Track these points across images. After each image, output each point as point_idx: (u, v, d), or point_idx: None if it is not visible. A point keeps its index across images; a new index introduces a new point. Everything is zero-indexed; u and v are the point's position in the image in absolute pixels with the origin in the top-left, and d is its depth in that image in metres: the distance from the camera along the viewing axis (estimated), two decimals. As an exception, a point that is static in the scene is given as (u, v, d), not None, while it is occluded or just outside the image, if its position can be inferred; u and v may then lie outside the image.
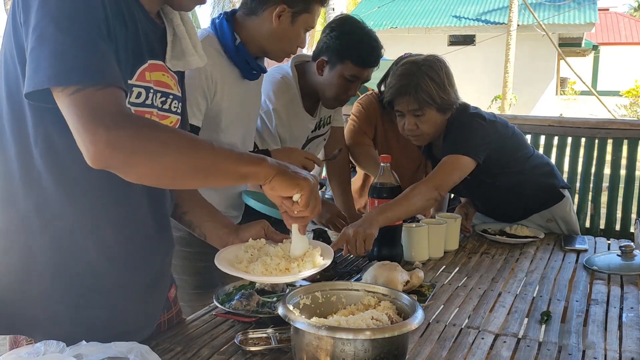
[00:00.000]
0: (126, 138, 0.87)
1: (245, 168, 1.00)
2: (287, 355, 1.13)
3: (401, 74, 1.93)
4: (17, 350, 0.96)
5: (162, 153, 0.91)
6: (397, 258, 1.70)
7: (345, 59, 1.92)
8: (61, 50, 0.87)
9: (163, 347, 1.18)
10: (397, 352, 1.01)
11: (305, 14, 1.67)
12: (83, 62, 0.88)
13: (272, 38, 1.68)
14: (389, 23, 16.01)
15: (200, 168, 0.95)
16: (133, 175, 0.92)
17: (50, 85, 0.87)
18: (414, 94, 1.88)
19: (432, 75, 1.89)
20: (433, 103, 1.90)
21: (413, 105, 1.91)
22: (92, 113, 0.86)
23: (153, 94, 1.07)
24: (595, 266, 1.74)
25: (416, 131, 1.96)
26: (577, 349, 1.21)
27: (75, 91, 0.87)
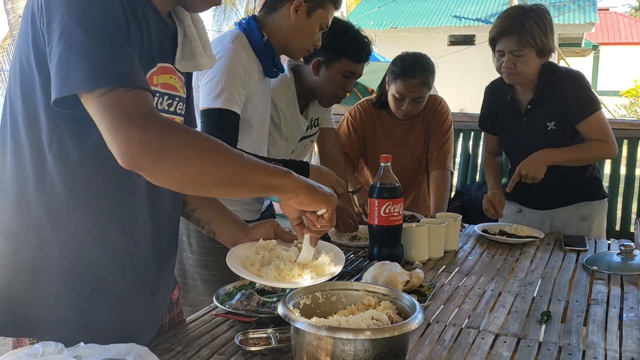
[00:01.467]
0: (158, 139, 0.88)
1: (273, 179, 1.01)
2: (287, 355, 1.13)
3: (507, 16, 2.11)
4: (16, 351, 0.95)
5: (191, 157, 0.91)
6: (397, 258, 1.70)
7: (341, 57, 1.99)
8: (90, 56, 0.88)
9: (163, 347, 1.18)
10: (397, 352, 1.01)
11: (321, 9, 1.77)
12: (112, 66, 0.89)
13: (291, 33, 1.77)
14: (389, 23, 16.01)
15: (227, 176, 0.96)
16: (161, 177, 0.92)
17: (80, 90, 0.88)
18: (517, 35, 2.03)
19: (537, 19, 2.04)
20: (534, 45, 2.03)
21: (515, 46, 2.05)
22: (124, 113, 0.88)
23: (159, 97, 1.08)
24: (595, 266, 1.73)
25: (513, 70, 2.09)
26: (577, 349, 1.20)
27: (104, 93, 0.88)
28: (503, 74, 2.15)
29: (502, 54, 2.11)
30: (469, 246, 2.00)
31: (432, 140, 2.43)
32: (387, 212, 1.67)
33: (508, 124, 2.28)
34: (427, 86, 2.28)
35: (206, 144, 0.95)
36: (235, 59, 1.67)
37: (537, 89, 2.16)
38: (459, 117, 3.72)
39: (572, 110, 2.12)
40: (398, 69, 2.29)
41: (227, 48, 1.68)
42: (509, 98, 2.25)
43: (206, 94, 1.65)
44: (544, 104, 2.16)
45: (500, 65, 2.13)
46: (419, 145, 2.46)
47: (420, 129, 2.45)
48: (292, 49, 1.82)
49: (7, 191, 1.04)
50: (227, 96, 1.64)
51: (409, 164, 2.45)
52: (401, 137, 2.45)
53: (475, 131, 3.73)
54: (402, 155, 2.38)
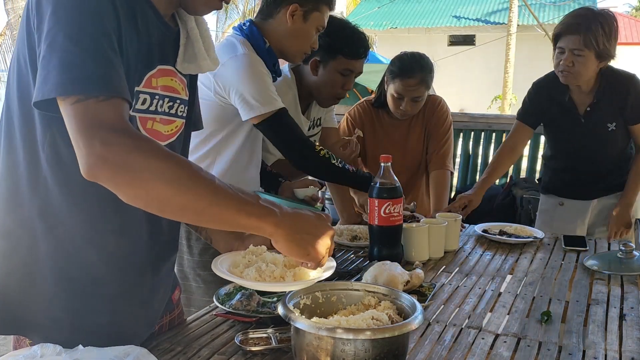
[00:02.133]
0: (118, 157, 0.86)
1: (246, 220, 0.94)
2: (287, 355, 1.13)
3: (576, 14, 2.16)
4: (15, 353, 0.95)
5: (151, 180, 0.87)
6: (397, 258, 1.70)
7: (337, 55, 1.98)
8: (68, 60, 0.87)
9: (163, 348, 1.18)
10: (397, 352, 1.01)
11: (316, 12, 1.79)
12: (88, 72, 0.87)
13: (289, 37, 1.80)
14: (389, 23, 16.02)
15: (193, 207, 0.91)
16: (121, 194, 0.90)
17: (56, 95, 0.87)
18: (582, 34, 2.07)
19: (604, 23, 2.08)
20: (596, 47, 2.07)
21: (577, 45, 2.09)
22: (90, 125, 0.86)
23: (159, 99, 1.07)
24: (595, 266, 1.73)
25: (571, 68, 2.12)
26: (577, 349, 1.20)
27: (76, 101, 0.87)
28: (560, 72, 2.18)
29: (562, 51, 2.14)
30: (469, 246, 2.00)
31: (432, 141, 2.43)
32: (387, 212, 1.67)
33: (564, 124, 2.32)
34: (425, 85, 2.28)
35: (174, 169, 0.89)
36: (256, 63, 1.72)
37: (598, 92, 2.22)
38: (459, 117, 3.73)
39: (632, 112, 2.21)
40: (396, 68, 2.29)
41: (246, 56, 1.71)
42: (567, 99, 2.28)
43: (251, 105, 1.69)
44: (605, 106, 2.22)
45: (559, 63, 2.16)
46: (419, 145, 2.46)
47: (419, 129, 2.45)
48: (290, 53, 1.84)
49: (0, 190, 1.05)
50: (272, 97, 1.71)
51: (409, 164, 2.46)
52: (400, 137, 2.45)
53: (475, 131, 3.73)
54: (401, 155, 2.38)
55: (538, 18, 13.70)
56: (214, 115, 1.75)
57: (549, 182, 2.50)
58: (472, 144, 3.76)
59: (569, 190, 2.40)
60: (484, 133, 3.70)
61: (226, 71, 1.68)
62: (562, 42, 2.15)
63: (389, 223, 1.69)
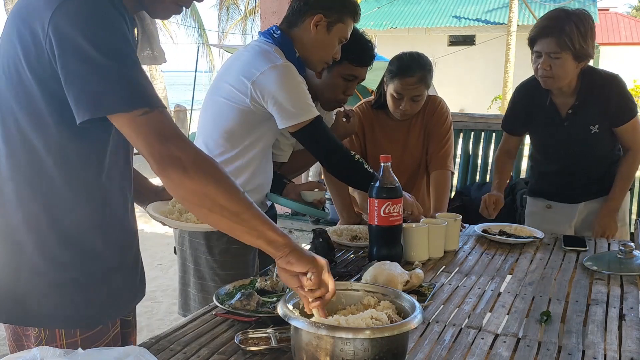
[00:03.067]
0: (189, 157, 1.02)
1: (270, 233, 1.06)
2: (287, 355, 1.13)
3: (549, 17, 2.11)
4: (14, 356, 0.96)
5: (211, 180, 1.03)
6: (397, 258, 1.70)
7: (342, 60, 1.97)
8: (122, 78, 1.00)
9: (163, 347, 1.18)
10: (397, 352, 1.01)
11: (340, 24, 1.82)
12: (144, 87, 1.02)
13: (312, 47, 1.83)
14: (389, 23, 16.02)
15: (233, 211, 1.04)
16: (180, 189, 1.03)
17: (122, 111, 1.00)
18: (557, 36, 2.03)
19: (578, 23, 2.04)
20: (572, 48, 2.03)
21: (552, 47, 2.05)
22: (160, 132, 1.01)
23: None
24: (595, 266, 1.73)
25: (549, 72, 2.09)
26: (577, 349, 1.21)
27: (143, 113, 1.00)
28: (539, 77, 2.16)
29: (539, 55, 2.11)
30: (469, 246, 2.00)
31: (432, 141, 2.42)
32: (386, 212, 1.67)
33: (547, 128, 2.30)
34: (424, 84, 2.27)
35: (225, 175, 1.06)
36: (296, 72, 1.76)
37: (579, 93, 2.18)
38: (459, 117, 3.72)
39: (615, 115, 2.18)
40: (395, 68, 2.28)
41: (286, 67, 1.74)
42: (548, 102, 2.25)
43: (290, 115, 1.73)
44: (587, 108, 2.18)
45: (537, 67, 2.14)
46: (418, 146, 2.46)
47: (419, 130, 2.44)
48: (312, 61, 1.87)
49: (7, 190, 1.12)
50: (310, 106, 1.75)
51: (408, 165, 2.45)
52: (400, 138, 2.44)
53: (475, 131, 3.73)
54: (401, 156, 2.38)
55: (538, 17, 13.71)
56: (244, 119, 1.78)
57: (536, 185, 2.49)
58: (472, 144, 3.76)
59: (556, 194, 2.38)
60: (484, 133, 3.70)
61: (266, 80, 1.70)
62: (538, 46, 2.11)
63: (388, 223, 1.69)
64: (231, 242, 1.82)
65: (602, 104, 2.16)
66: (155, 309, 4.06)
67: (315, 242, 1.73)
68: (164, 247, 5.73)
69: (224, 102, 1.78)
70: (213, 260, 1.82)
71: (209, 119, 1.85)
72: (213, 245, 1.82)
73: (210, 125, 1.84)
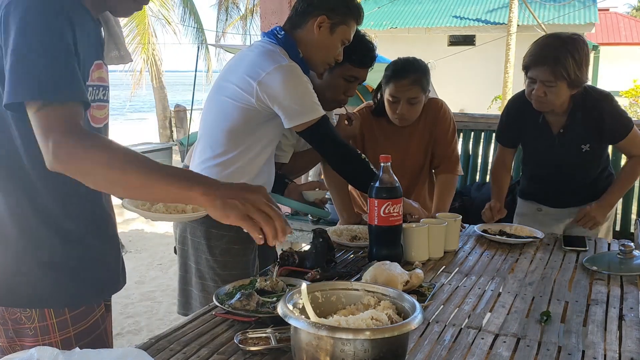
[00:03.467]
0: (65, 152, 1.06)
1: (178, 193, 1.09)
2: (287, 355, 1.13)
3: (543, 45, 2.09)
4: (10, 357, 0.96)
5: (96, 169, 1.08)
6: (397, 258, 1.70)
7: (344, 61, 1.98)
8: (33, 71, 1.05)
9: (162, 347, 1.18)
10: (397, 352, 1.01)
11: (343, 26, 1.83)
12: (49, 81, 1.06)
13: (315, 48, 1.84)
14: (389, 23, 16.01)
15: (134, 186, 1.09)
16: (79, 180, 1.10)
17: (23, 99, 1.06)
18: (552, 66, 2.03)
19: (573, 52, 2.02)
20: (567, 77, 2.03)
21: (547, 77, 2.05)
22: (47, 128, 1.06)
23: (96, 89, 1.25)
24: (595, 266, 1.73)
25: (542, 99, 2.10)
26: (577, 349, 1.20)
27: (39, 108, 1.06)
28: (532, 100, 2.16)
29: (533, 81, 2.12)
30: (469, 246, 2.00)
31: (440, 147, 2.41)
32: (386, 212, 1.67)
33: (538, 144, 2.32)
34: (420, 86, 2.25)
35: (112, 156, 1.08)
36: (302, 72, 1.76)
37: (571, 113, 2.19)
38: (459, 117, 3.72)
39: (611, 133, 2.20)
40: (390, 72, 2.29)
41: (292, 67, 1.74)
42: (540, 120, 2.26)
43: (296, 114, 1.73)
44: (579, 128, 2.20)
45: (531, 92, 2.14)
46: (420, 151, 2.44)
47: (421, 135, 2.42)
48: (314, 63, 1.87)
49: None
50: (316, 105, 1.76)
51: (409, 170, 2.43)
52: (401, 143, 2.41)
53: (475, 131, 3.73)
54: (402, 161, 2.37)
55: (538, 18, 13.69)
56: (248, 119, 1.78)
57: (527, 188, 2.50)
58: (472, 144, 3.76)
59: (545, 198, 2.40)
60: (484, 133, 3.69)
61: (272, 80, 1.70)
62: (532, 73, 2.11)
63: (388, 223, 1.69)
64: (232, 243, 1.82)
65: (594, 123, 2.17)
66: (155, 309, 4.07)
67: (315, 242, 1.73)
68: (164, 247, 5.74)
69: (228, 102, 1.78)
70: (214, 260, 1.82)
71: (212, 118, 1.85)
72: (214, 245, 1.82)
73: (213, 124, 1.83)
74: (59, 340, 1.24)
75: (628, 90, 15.08)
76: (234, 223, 1.08)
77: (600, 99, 2.18)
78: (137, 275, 4.89)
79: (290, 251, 1.70)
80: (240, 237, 1.81)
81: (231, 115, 1.78)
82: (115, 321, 3.83)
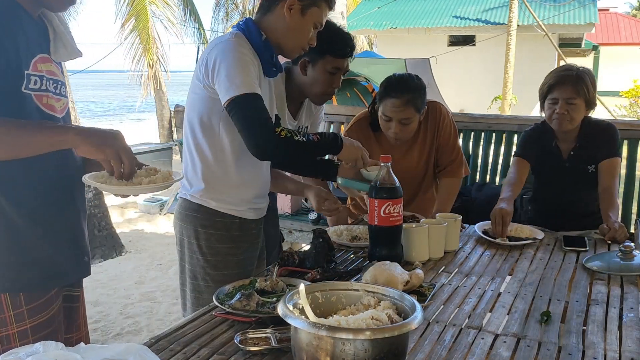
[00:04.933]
0: None
1: (51, 138, 1.23)
2: (287, 355, 1.13)
3: (565, 69, 2.37)
4: (16, 350, 0.96)
5: None
6: (397, 258, 1.70)
7: (324, 54, 2.04)
8: None
9: (162, 347, 1.18)
10: (397, 352, 1.01)
11: (314, 8, 1.78)
12: None
13: (286, 32, 1.78)
14: (389, 23, 16.00)
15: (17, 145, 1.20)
16: None
17: None
18: (574, 84, 2.28)
19: (589, 75, 2.35)
20: (586, 94, 2.30)
21: (570, 94, 2.29)
22: None
23: (46, 81, 1.34)
24: (595, 266, 1.73)
25: (566, 116, 2.31)
26: (577, 349, 1.20)
27: None
28: (554, 120, 2.34)
29: (555, 101, 2.33)
30: (469, 246, 2.00)
31: (443, 154, 2.41)
32: (386, 212, 1.67)
33: (550, 167, 2.48)
34: (414, 107, 2.21)
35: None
36: (240, 49, 1.68)
37: (579, 138, 2.40)
38: (459, 117, 3.72)
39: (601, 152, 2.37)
40: (383, 89, 2.25)
41: (230, 42, 1.68)
42: (553, 145, 2.45)
43: (226, 88, 1.63)
44: (585, 151, 2.40)
45: (552, 113, 2.34)
46: (422, 162, 2.43)
47: (422, 145, 2.40)
48: (287, 47, 1.82)
49: None
50: (245, 81, 1.63)
51: (411, 181, 2.39)
52: (401, 153, 2.38)
53: (475, 131, 3.73)
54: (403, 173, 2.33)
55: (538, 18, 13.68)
56: (209, 107, 1.74)
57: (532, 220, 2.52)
58: (472, 144, 3.75)
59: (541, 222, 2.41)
60: (484, 133, 3.69)
61: (211, 56, 1.67)
62: (555, 93, 2.33)
63: (388, 223, 1.69)
64: (221, 242, 1.81)
65: (596, 148, 2.38)
66: (155, 309, 4.06)
67: (315, 242, 1.73)
68: (164, 247, 5.73)
69: (191, 96, 1.78)
70: (204, 260, 1.82)
71: (188, 118, 1.83)
72: (203, 245, 1.81)
73: (186, 122, 1.83)
74: (16, 332, 1.30)
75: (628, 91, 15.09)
76: (106, 158, 1.24)
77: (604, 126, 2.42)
78: (137, 276, 4.89)
79: (290, 251, 1.70)
80: (230, 236, 1.81)
81: (192, 108, 1.77)
82: (116, 321, 3.84)
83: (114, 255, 5.56)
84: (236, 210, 1.82)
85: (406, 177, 2.35)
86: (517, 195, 2.49)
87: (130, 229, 6.53)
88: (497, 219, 2.12)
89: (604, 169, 2.36)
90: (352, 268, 1.73)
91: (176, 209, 1.88)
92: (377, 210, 1.68)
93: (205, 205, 1.80)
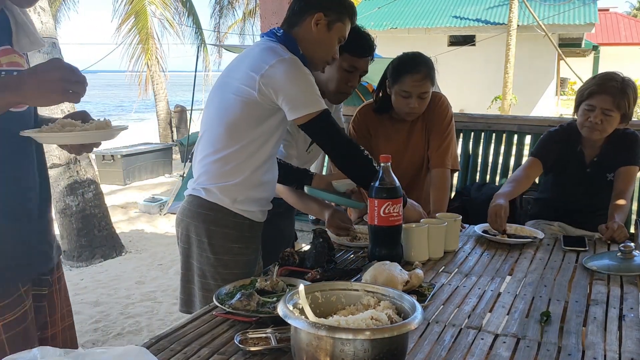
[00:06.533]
0: None
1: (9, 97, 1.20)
2: (287, 355, 1.13)
3: (610, 78, 2.30)
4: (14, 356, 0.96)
5: None
6: (397, 258, 1.70)
7: (342, 52, 2.02)
8: None
9: (163, 347, 1.19)
10: (397, 352, 1.01)
11: (339, 24, 1.86)
12: None
13: (313, 46, 1.86)
14: (389, 24, 16.01)
15: None
16: None
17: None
18: (616, 97, 2.24)
19: (634, 89, 2.29)
20: (625, 109, 2.26)
21: (609, 105, 2.24)
22: None
23: (6, 73, 1.31)
24: (595, 266, 1.74)
25: (599, 126, 2.28)
26: (577, 349, 1.21)
27: None
28: (586, 127, 2.31)
29: (592, 108, 2.28)
30: (468, 246, 2.00)
31: (433, 138, 2.42)
32: (386, 212, 1.67)
33: (571, 171, 2.46)
34: (430, 80, 2.30)
35: None
36: (302, 66, 1.76)
37: (604, 146, 2.38)
38: (459, 117, 3.71)
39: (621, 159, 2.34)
40: (401, 67, 2.31)
41: (294, 60, 1.74)
42: (579, 149, 2.43)
43: (298, 106, 1.73)
44: (607, 159, 2.39)
45: (586, 120, 2.30)
46: (420, 145, 2.45)
47: (420, 129, 2.44)
48: (313, 61, 1.88)
49: None
50: (318, 98, 1.76)
51: (410, 166, 2.45)
52: (402, 140, 2.44)
53: (475, 131, 3.73)
54: (402, 157, 2.38)
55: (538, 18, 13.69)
56: (250, 113, 1.78)
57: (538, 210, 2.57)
58: (472, 144, 3.75)
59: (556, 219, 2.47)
60: (484, 133, 3.69)
61: (275, 72, 1.71)
62: (593, 100, 2.27)
63: (388, 223, 1.69)
64: (233, 242, 1.82)
65: (617, 155, 2.37)
66: (155, 309, 4.07)
67: (315, 242, 1.73)
68: (164, 247, 5.74)
69: (231, 97, 1.78)
70: (215, 259, 1.82)
71: (213, 114, 1.85)
72: (215, 244, 1.82)
73: (215, 120, 1.83)
74: None
75: (628, 91, 15.05)
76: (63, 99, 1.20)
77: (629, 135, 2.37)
78: (137, 276, 4.89)
79: (291, 251, 1.71)
80: (242, 236, 1.82)
81: (232, 109, 1.78)
82: (116, 321, 3.84)
83: (114, 255, 5.57)
84: (249, 212, 1.84)
85: (407, 161, 2.40)
86: (518, 193, 2.48)
87: (130, 229, 6.54)
88: (492, 217, 2.15)
89: (621, 175, 2.33)
90: (352, 268, 1.73)
91: (183, 207, 1.87)
92: (377, 210, 1.68)
93: (219, 204, 1.81)
